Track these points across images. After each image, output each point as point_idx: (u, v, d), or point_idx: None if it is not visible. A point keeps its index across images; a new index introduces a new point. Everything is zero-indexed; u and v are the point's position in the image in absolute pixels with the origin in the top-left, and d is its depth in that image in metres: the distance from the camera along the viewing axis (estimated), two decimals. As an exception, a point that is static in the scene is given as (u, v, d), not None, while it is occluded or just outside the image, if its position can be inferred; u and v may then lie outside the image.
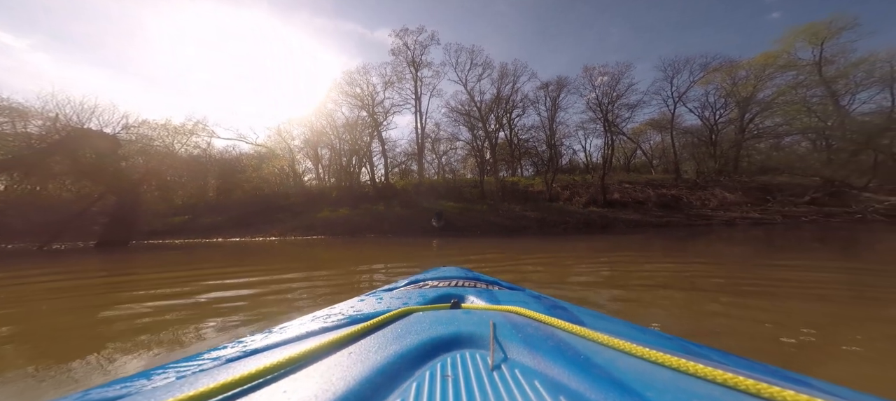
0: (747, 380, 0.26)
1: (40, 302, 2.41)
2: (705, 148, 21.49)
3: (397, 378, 0.30)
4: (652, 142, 26.03)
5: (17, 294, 2.74)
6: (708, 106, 21.37)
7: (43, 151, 11.40)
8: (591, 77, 21.00)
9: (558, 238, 8.26)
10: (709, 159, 21.14)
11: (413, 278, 1.02)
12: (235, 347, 0.45)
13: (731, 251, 4.65)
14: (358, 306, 0.63)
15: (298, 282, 2.89)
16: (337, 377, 0.29)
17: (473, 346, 0.37)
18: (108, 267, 4.69)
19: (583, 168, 24.93)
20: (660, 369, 0.30)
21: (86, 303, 2.34)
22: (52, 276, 3.74)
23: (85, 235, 11.97)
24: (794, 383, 0.29)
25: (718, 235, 8.05)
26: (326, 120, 21.06)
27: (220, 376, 0.31)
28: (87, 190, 12.96)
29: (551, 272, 3.26)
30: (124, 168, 13.13)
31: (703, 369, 0.28)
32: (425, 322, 0.43)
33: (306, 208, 16.66)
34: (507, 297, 0.67)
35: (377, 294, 0.77)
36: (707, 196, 16.53)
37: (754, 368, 0.38)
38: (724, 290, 2.27)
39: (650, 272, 3.08)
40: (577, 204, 17.08)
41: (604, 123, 20.27)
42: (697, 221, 13.56)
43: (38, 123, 16.74)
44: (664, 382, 0.28)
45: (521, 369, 0.31)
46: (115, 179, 12.19)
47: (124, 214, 12.29)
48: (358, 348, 0.36)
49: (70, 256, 7.07)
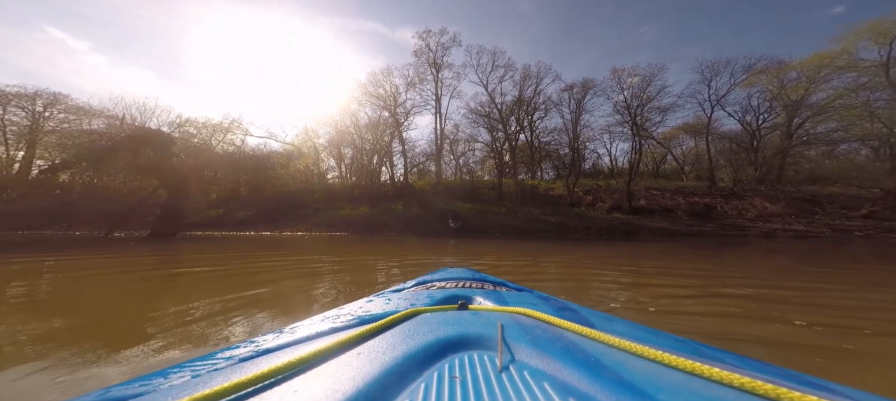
0: (765, 384, 0.25)
1: (109, 286, 2.71)
2: (745, 154, 19.99)
3: (405, 379, 0.30)
4: (684, 147, 24.58)
5: (79, 277, 3.11)
6: (750, 110, 19.88)
7: (110, 148, 12.56)
8: (620, 79, 20.24)
9: (578, 243, 8.06)
10: (748, 166, 19.65)
11: (420, 279, 1.03)
12: (248, 347, 0.45)
13: (772, 263, 4.30)
14: (366, 307, 0.63)
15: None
16: (346, 377, 0.30)
17: (481, 347, 0.37)
18: (170, 255, 5.08)
19: (607, 173, 24.02)
20: (671, 372, 0.30)
21: (153, 288, 2.61)
22: (125, 262, 4.14)
23: (140, 225, 12.99)
24: (815, 388, 0.28)
25: (755, 246, 7.49)
26: (350, 119, 21.85)
27: (233, 375, 0.32)
28: (143, 184, 14.14)
29: (570, 275, 3.21)
30: (175, 164, 14.15)
31: (718, 373, 0.28)
32: (433, 323, 0.43)
33: (328, 206, 17.32)
34: (514, 298, 0.67)
35: (385, 295, 0.78)
36: (745, 206, 15.36)
37: (770, 371, 0.36)
38: (762, 300, 2.14)
39: (675, 280, 2.96)
40: (599, 210, 16.49)
41: (632, 126, 19.44)
42: (732, 231, 12.64)
43: (100, 122, 18.78)
44: (676, 384, 0.27)
45: (529, 371, 0.31)
46: (167, 175, 13.12)
47: (174, 206, 13.15)
48: (366, 349, 0.36)
49: (137, 244, 7.60)
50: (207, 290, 2.43)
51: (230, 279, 2.88)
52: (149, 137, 13.00)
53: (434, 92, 21.08)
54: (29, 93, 18.68)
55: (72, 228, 12.28)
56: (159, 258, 4.63)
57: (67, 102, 19.33)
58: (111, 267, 3.70)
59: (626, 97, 19.73)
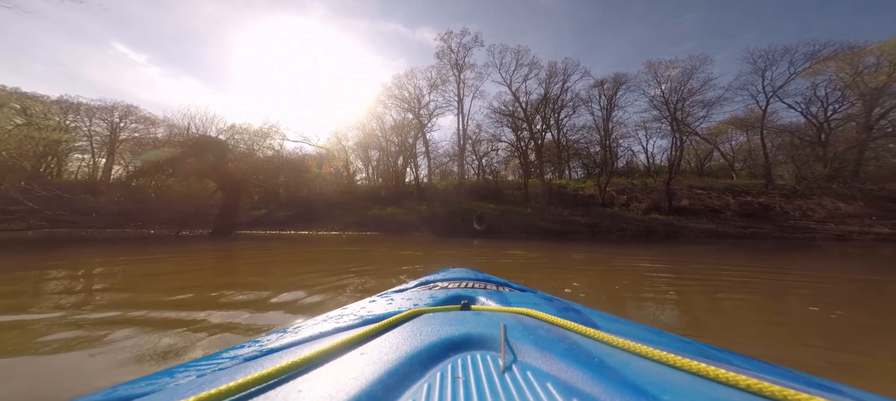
0: (773, 386, 0.25)
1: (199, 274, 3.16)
2: (811, 149, 17.68)
3: (408, 379, 0.30)
4: (733, 142, 22.31)
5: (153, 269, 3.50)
6: (816, 100, 17.60)
7: (179, 155, 13.98)
8: (656, 72, 18.91)
9: (613, 245, 7.53)
10: (816, 162, 17.34)
11: (423, 280, 1.02)
12: (252, 346, 0.46)
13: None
14: (369, 307, 0.63)
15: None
16: (349, 377, 0.29)
17: (484, 348, 0.37)
18: (239, 252, 5.64)
19: (643, 171, 22.43)
20: (677, 373, 0.29)
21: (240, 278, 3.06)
22: (211, 256, 4.67)
23: (201, 224, 14.15)
24: (823, 389, 0.27)
25: (824, 250, 6.51)
26: (376, 122, 22.53)
27: (237, 374, 0.32)
28: (204, 187, 15.60)
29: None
30: (230, 168, 15.27)
31: (725, 374, 0.27)
32: (436, 323, 0.43)
33: (358, 206, 17.94)
34: (517, 298, 0.66)
35: (388, 295, 0.78)
36: (811, 205, 13.51)
37: (777, 373, 0.35)
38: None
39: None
40: (635, 210, 15.40)
41: (671, 122, 18.02)
42: (794, 233, 11.15)
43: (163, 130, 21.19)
44: (682, 386, 0.27)
45: (533, 372, 0.30)
46: (224, 178, 14.29)
47: (229, 207, 14.29)
48: (369, 349, 0.36)
49: (205, 241, 8.22)
50: (307, 270, 3.30)
51: (317, 263, 3.78)
52: (209, 143, 14.35)
53: (456, 93, 21.14)
54: (108, 106, 21.57)
55: (146, 226, 13.62)
56: (260, 250, 5.60)
57: (137, 113, 22.10)
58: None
59: (664, 91, 18.37)
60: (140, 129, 22.01)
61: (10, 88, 17.50)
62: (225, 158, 14.72)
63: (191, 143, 14.36)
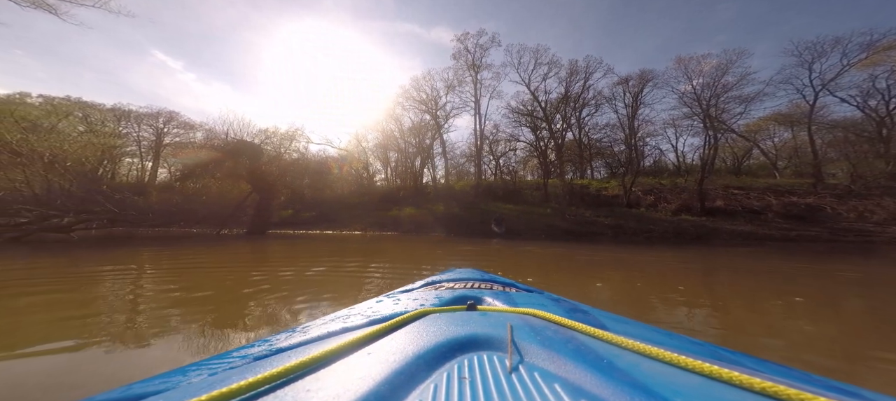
0: (788, 389, 0.24)
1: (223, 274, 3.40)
2: (870, 145, 15.96)
3: (415, 379, 0.30)
4: (776, 139, 20.55)
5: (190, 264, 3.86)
6: (875, 93, 15.87)
7: (219, 158, 14.96)
8: (686, 68, 17.88)
9: (639, 247, 7.16)
10: (875, 160, 15.64)
11: (429, 280, 1.03)
12: (262, 346, 0.47)
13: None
14: (376, 308, 0.64)
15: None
16: (357, 377, 0.30)
17: (491, 348, 0.37)
18: (277, 250, 6.08)
19: (672, 170, 21.20)
20: (687, 375, 0.29)
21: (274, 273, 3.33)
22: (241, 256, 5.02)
23: (238, 224, 15.05)
24: (840, 392, 0.27)
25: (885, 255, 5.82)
26: (395, 124, 22.94)
27: (248, 373, 0.32)
28: (240, 189, 16.54)
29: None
30: (263, 170, 16.08)
31: (738, 376, 0.26)
32: (442, 324, 0.43)
33: (378, 207, 18.34)
34: (524, 299, 0.66)
35: (394, 296, 0.79)
36: (869, 206, 12.16)
37: (793, 375, 0.35)
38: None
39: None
40: (663, 211, 14.59)
41: (704, 118, 16.94)
42: (846, 235, 10.09)
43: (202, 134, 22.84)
44: (693, 388, 0.26)
45: (540, 373, 0.30)
46: (259, 180, 15.12)
47: (263, 208, 15.14)
48: (377, 349, 0.36)
49: (244, 240, 8.66)
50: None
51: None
52: (245, 147, 15.19)
53: (473, 93, 21.08)
54: (154, 112, 23.57)
55: (188, 226, 14.62)
56: (291, 246, 6.10)
57: (179, 118, 23.97)
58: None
59: (695, 87, 17.31)
60: (181, 133, 23.84)
61: (74, 98, 19.64)
62: (259, 161, 15.45)
63: (228, 147, 15.23)
